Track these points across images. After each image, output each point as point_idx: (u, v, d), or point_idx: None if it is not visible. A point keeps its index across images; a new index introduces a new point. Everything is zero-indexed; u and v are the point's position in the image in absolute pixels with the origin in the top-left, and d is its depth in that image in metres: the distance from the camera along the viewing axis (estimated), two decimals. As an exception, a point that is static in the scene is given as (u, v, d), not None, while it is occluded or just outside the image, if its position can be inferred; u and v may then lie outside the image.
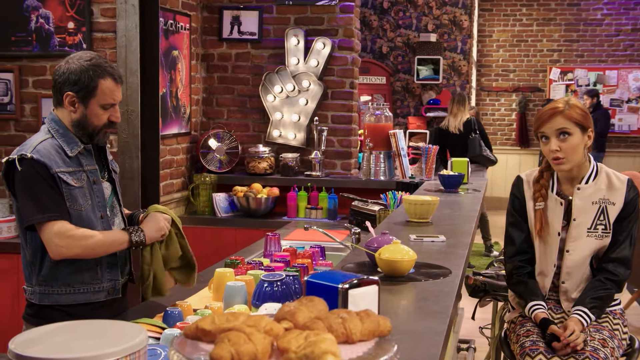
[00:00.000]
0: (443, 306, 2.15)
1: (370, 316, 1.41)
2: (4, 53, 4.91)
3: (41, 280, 2.78)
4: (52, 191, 2.69)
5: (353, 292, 1.58)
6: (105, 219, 2.85)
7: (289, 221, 5.41)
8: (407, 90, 10.64)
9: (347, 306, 1.57)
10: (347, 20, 5.76)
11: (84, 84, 2.72)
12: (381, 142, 5.62)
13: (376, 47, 10.69)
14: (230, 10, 5.93)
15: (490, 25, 12.67)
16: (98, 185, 2.84)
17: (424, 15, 10.51)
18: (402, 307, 2.17)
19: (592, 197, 3.03)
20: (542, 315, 3.00)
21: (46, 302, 2.79)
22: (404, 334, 1.81)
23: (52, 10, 4.82)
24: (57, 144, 2.75)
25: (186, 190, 5.77)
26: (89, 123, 2.77)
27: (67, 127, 2.78)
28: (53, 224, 2.66)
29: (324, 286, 1.60)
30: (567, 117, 2.94)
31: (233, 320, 1.37)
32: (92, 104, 2.74)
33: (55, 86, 2.78)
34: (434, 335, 1.86)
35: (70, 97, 2.74)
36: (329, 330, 1.36)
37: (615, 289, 3.04)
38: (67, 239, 2.67)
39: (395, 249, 2.46)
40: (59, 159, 2.72)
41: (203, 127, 6.05)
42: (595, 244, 3.04)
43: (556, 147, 2.94)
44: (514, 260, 3.16)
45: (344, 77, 5.82)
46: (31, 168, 2.67)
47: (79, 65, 2.74)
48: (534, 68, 12.56)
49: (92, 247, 2.73)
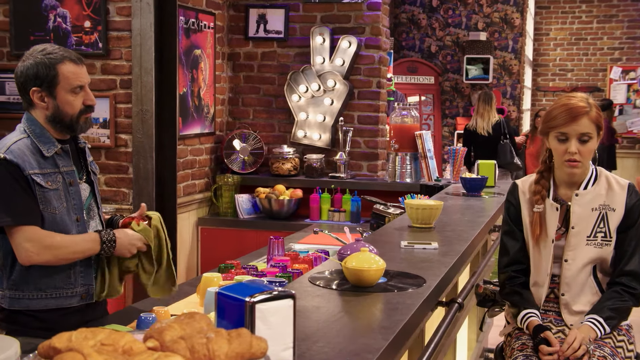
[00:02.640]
0: (394, 321, 2.00)
1: (242, 336, 1.30)
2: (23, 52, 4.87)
3: (11, 285, 2.70)
4: (25, 194, 2.61)
5: (262, 306, 1.44)
6: (81, 221, 2.77)
7: (311, 224, 5.29)
8: (456, 90, 10.40)
9: (255, 322, 1.43)
10: (374, 18, 5.61)
11: (43, 74, 2.63)
12: (407, 143, 5.45)
13: (425, 47, 10.48)
14: (256, 8, 5.84)
15: (548, 24, 12.29)
16: (75, 187, 2.75)
17: (474, 14, 10.25)
18: (345, 321, 2.01)
19: (591, 204, 2.83)
20: (535, 322, 2.81)
21: (16, 307, 2.70)
22: (325, 353, 1.68)
23: (69, 9, 4.81)
24: (32, 144, 2.66)
25: (209, 191, 5.70)
26: (64, 113, 2.67)
27: (43, 126, 2.70)
28: (23, 229, 2.59)
29: (233, 299, 1.47)
30: (592, 120, 2.74)
31: (91, 337, 1.26)
32: (59, 92, 2.65)
33: (19, 88, 2.69)
34: (365, 354, 1.71)
35: (36, 92, 2.65)
36: (190, 351, 1.25)
37: (634, 302, 2.83)
38: (37, 245, 2.59)
39: (362, 257, 2.32)
40: (33, 160, 2.64)
41: (229, 127, 5.98)
42: (595, 253, 2.83)
43: (576, 149, 2.75)
44: (507, 270, 2.98)
45: (370, 76, 5.67)
46: (3, 169, 2.58)
47: (33, 58, 2.66)
48: (594, 67, 12.14)
49: (64, 254, 2.66)
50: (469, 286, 3.44)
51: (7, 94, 5.00)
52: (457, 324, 3.77)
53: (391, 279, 2.43)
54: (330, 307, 2.11)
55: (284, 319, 1.48)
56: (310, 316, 1.99)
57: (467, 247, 3.08)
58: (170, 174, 4.93)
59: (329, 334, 1.83)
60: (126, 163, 4.81)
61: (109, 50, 4.79)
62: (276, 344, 1.45)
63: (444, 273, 2.59)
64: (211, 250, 5.54)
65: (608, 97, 11.87)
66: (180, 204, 5.22)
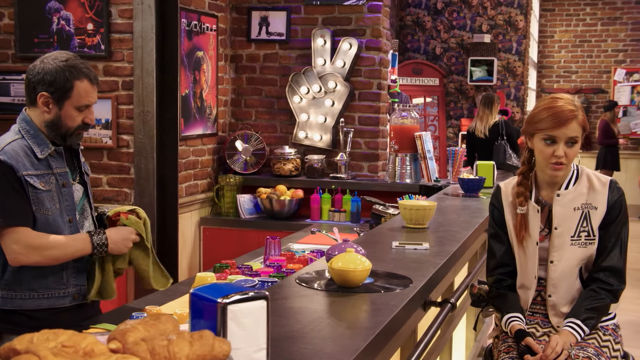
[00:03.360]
0: (376, 322, 2.00)
1: (204, 338, 1.30)
2: (28, 54, 4.99)
3: (4, 285, 2.71)
4: (17, 195, 2.62)
5: (234, 307, 1.43)
6: (73, 222, 2.79)
7: (311, 224, 5.34)
8: (460, 92, 10.43)
9: (227, 322, 1.42)
10: (374, 20, 5.66)
11: (59, 85, 2.65)
12: (407, 144, 5.49)
13: (429, 49, 10.51)
14: (258, 10, 5.90)
15: (552, 26, 12.31)
16: (68, 188, 2.78)
17: (479, 16, 10.28)
18: (327, 322, 2.01)
19: (573, 203, 2.81)
20: (517, 327, 2.79)
21: (9, 306, 2.72)
22: (302, 354, 1.70)
23: (73, 12, 4.87)
24: (26, 145, 2.68)
25: (212, 191, 5.76)
26: (63, 124, 2.70)
27: (39, 128, 2.71)
28: (13, 231, 2.61)
29: (206, 300, 1.46)
30: (579, 123, 2.72)
31: (53, 339, 1.27)
32: (66, 105, 2.68)
33: (28, 85, 2.71)
34: (342, 355, 1.72)
35: (44, 97, 2.67)
36: (151, 353, 1.25)
37: (611, 298, 2.80)
38: (26, 246, 2.61)
39: (348, 258, 2.31)
40: (27, 161, 2.65)
41: (232, 128, 6.04)
42: (580, 253, 2.82)
43: (563, 152, 2.72)
44: (494, 273, 2.97)
45: (371, 77, 5.72)
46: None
47: (55, 65, 2.67)
48: (598, 69, 12.15)
49: (54, 256, 2.68)
50: (463, 286, 3.48)
51: (11, 95, 5.06)
52: (452, 324, 3.81)
53: (378, 279, 2.42)
54: (313, 308, 2.12)
55: (257, 320, 1.47)
56: (292, 317, 2.00)
57: (458, 247, 3.09)
58: (171, 174, 4.98)
59: (308, 335, 1.83)
60: (128, 163, 4.87)
61: (111, 52, 4.85)
62: (249, 345, 1.45)
63: (431, 273, 2.59)
64: (213, 250, 5.59)
65: (612, 99, 11.88)
66: (182, 204, 5.27)
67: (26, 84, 2.74)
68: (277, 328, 1.86)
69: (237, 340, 1.42)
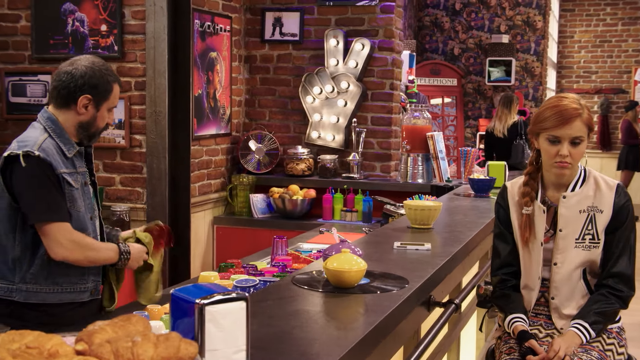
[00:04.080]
0: (366, 323, 1.99)
1: (169, 340, 1.29)
2: (43, 56, 5.06)
3: (30, 278, 2.76)
4: (57, 192, 2.69)
5: (212, 308, 1.43)
6: (92, 220, 2.88)
7: (323, 223, 5.36)
8: (478, 92, 10.41)
9: (204, 324, 1.42)
10: (387, 20, 5.67)
11: (102, 88, 2.77)
12: (419, 144, 5.50)
13: (447, 49, 10.50)
14: (272, 11, 5.93)
15: (572, 26, 12.25)
16: (87, 187, 2.87)
17: (497, 16, 10.25)
18: (316, 323, 2.01)
19: (579, 205, 2.78)
20: (520, 328, 2.77)
21: (33, 300, 2.77)
22: (283, 356, 1.69)
23: (87, 14, 4.94)
24: (55, 144, 2.74)
25: (225, 190, 5.80)
26: (95, 125, 2.80)
27: (64, 128, 2.77)
28: (58, 226, 2.67)
29: (185, 300, 1.45)
30: (584, 122, 2.70)
31: (18, 340, 1.29)
32: (103, 107, 2.79)
33: (67, 88, 2.75)
34: (325, 356, 1.71)
35: (86, 99, 2.75)
36: (115, 355, 1.25)
37: (620, 304, 2.77)
38: (72, 242, 2.69)
39: (343, 258, 2.31)
40: (59, 159, 2.73)
41: (245, 128, 6.08)
42: (584, 256, 2.79)
43: (567, 152, 2.69)
44: (498, 273, 2.94)
45: (384, 78, 5.74)
46: (37, 167, 2.65)
47: (98, 69, 2.77)
48: (618, 69, 12.06)
49: (92, 257, 2.78)
50: (469, 287, 3.48)
51: (27, 96, 5.14)
52: (459, 324, 3.82)
53: (374, 280, 2.41)
54: (305, 309, 2.12)
55: (236, 322, 1.47)
56: (283, 317, 2.00)
57: (460, 248, 3.07)
58: (184, 173, 5.03)
59: (295, 336, 1.83)
60: (140, 163, 4.93)
61: (124, 53, 4.91)
62: (228, 346, 1.46)
63: (430, 274, 2.58)
64: (226, 249, 5.63)
65: (633, 99, 11.79)
66: (195, 203, 5.32)
67: (61, 87, 2.77)
68: (267, 328, 1.87)
69: (216, 342, 1.43)
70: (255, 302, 2.19)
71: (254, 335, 1.80)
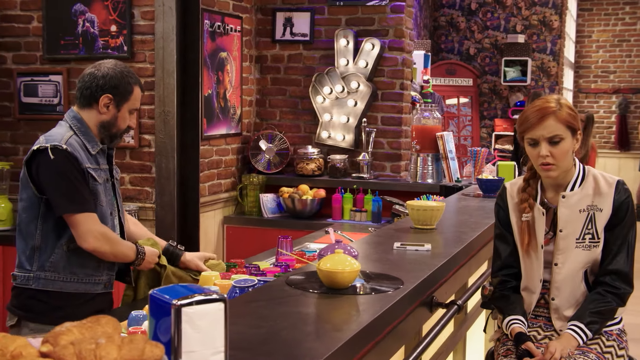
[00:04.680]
0: (354, 324, 1.97)
1: (134, 342, 1.27)
2: (54, 56, 5.10)
3: (49, 266, 2.87)
4: (84, 185, 2.83)
5: (189, 309, 1.42)
6: (113, 216, 3.01)
7: (333, 223, 5.36)
8: (494, 92, 10.36)
9: (181, 325, 1.42)
10: (397, 20, 5.67)
11: (123, 88, 2.91)
12: (429, 144, 5.49)
13: (463, 49, 10.47)
14: (283, 11, 5.94)
15: (590, 26, 12.16)
16: (109, 184, 3.00)
17: (513, 16, 10.20)
18: (304, 325, 1.99)
19: (578, 205, 2.75)
20: (517, 330, 2.75)
21: (50, 287, 2.88)
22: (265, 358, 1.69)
23: (97, 14, 4.97)
24: (80, 142, 2.88)
25: (235, 190, 5.82)
26: (116, 125, 2.94)
27: (88, 127, 2.92)
28: (89, 216, 2.80)
29: (162, 301, 1.45)
30: (560, 120, 2.64)
31: None
32: (124, 108, 2.93)
33: (89, 88, 2.90)
34: (305, 359, 1.70)
35: (107, 99, 2.89)
36: (77, 357, 1.24)
37: (618, 302, 2.74)
38: (101, 234, 2.81)
39: (337, 259, 2.30)
40: (84, 155, 2.86)
41: (256, 128, 6.09)
42: (585, 256, 2.76)
43: (546, 152, 2.65)
44: (498, 274, 2.92)
45: (394, 78, 5.73)
46: (65, 159, 2.79)
47: (119, 71, 2.92)
48: (637, 68, 11.96)
49: (116, 250, 2.89)
50: (473, 288, 3.46)
51: (39, 96, 5.18)
52: (465, 325, 3.80)
53: (369, 281, 2.40)
54: (295, 310, 2.11)
55: (213, 323, 1.46)
56: (271, 318, 2.00)
57: (461, 249, 3.05)
58: (193, 173, 5.04)
59: (282, 338, 1.82)
60: (149, 163, 4.96)
61: (133, 53, 4.94)
62: (205, 347, 1.45)
63: (426, 275, 2.55)
64: (236, 249, 5.64)
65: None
66: (205, 203, 5.34)
67: (84, 87, 2.93)
68: (254, 329, 1.87)
69: (193, 343, 1.42)
70: (245, 303, 2.20)
71: (239, 337, 1.81)
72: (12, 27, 5.24)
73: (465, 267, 3.66)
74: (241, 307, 2.12)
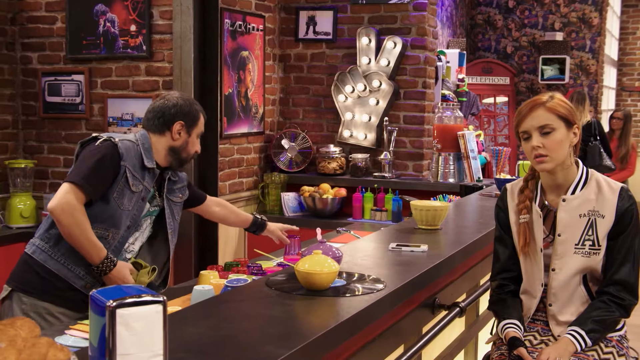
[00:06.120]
0: (315, 327, 1.94)
1: (36, 346, 1.26)
2: (76, 56, 5.18)
3: (45, 236, 2.97)
4: (105, 174, 2.91)
5: (123, 311, 1.40)
6: (129, 230, 3.05)
7: (353, 222, 5.34)
8: (531, 91, 10.20)
9: (116, 327, 1.39)
10: (419, 18, 5.61)
11: (192, 115, 3.12)
12: (450, 143, 5.43)
13: (500, 47, 10.33)
14: (306, 10, 5.94)
15: (635, 22, 11.89)
16: (143, 202, 3.07)
17: (551, 14, 10.03)
18: (272, 326, 1.95)
19: (579, 209, 2.66)
20: (512, 334, 2.67)
21: (36, 256, 2.96)
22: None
23: (117, 14, 5.03)
24: (138, 152, 3.02)
25: (257, 189, 5.83)
26: (186, 149, 3.12)
27: (153, 149, 3.07)
28: (76, 190, 2.84)
29: (99, 302, 1.43)
30: (549, 110, 2.60)
31: None
32: (193, 133, 3.13)
33: (162, 117, 3.08)
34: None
35: (180, 125, 3.08)
36: None
37: (622, 313, 2.66)
38: (70, 207, 2.83)
39: (315, 260, 2.27)
40: (133, 160, 3.00)
41: (280, 126, 6.10)
42: (582, 262, 2.67)
43: (538, 143, 2.59)
44: (497, 278, 2.85)
45: (416, 76, 5.68)
46: (107, 149, 2.93)
47: (187, 100, 3.16)
48: (682, 66, 11.68)
49: (75, 234, 2.86)
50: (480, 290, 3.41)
51: (62, 95, 5.26)
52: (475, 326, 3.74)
53: (351, 282, 2.36)
54: (264, 312, 2.09)
55: (150, 325, 1.43)
56: (236, 320, 1.98)
57: (458, 251, 2.99)
58: (212, 172, 5.08)
59: (240, 341, 1.79)
60: (167, 161, 4.99)
61: (152, 53, 4.98)
62: (141, 350, 1.43)
63: (413, 277, 2.51)
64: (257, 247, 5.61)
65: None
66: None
67: (157, 116, 3.09)
68: (215, 331, 1.85)
69: (127, 346, 1.41)
70: (217, 304, 2.19)
71: (196, 339, 1.80)
72: (38, 28, 5.34)
73: (477, 268, 3.61)
74: (212, 307, 2.11)
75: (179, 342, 1.74)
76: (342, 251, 2.69)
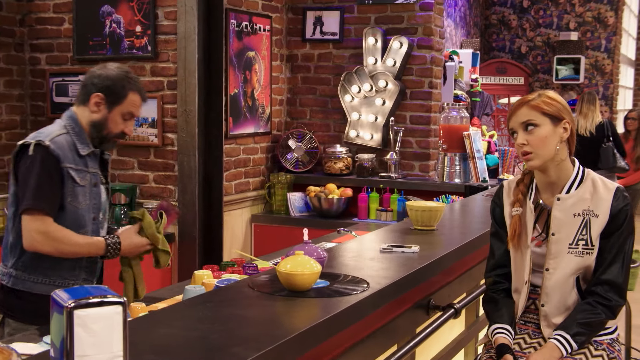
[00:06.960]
0: (289, 329, 1.92)
1: None
2: (83, 57, 5.22)
3: (20, 265, 2.87)
4: (53, 185, 2.79)
5: (81, 312, 1.38)
6: (96, 220, 2.97)
7: (358, 222, 5.34)
8: (546, 91, 10.14)
9: (73, 328, 1.38)
10: (426, 18, 5.60)
11: (115, 91, 2.89)
12: (456, 143, 5.41)
13: (515, 47, 10.29)
14: (313, 10, 5.94)
15: (652, 21, 11.79)
16: (97, 188, 2.96)
17: (566, 13, 9.97)
18: (238, 330, 1.89)
19: (573, 209, 2.64)
20: (501, 341, 2.65)
21: (19, 287, 2.87)
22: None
23: (123, 15, 5.06)
24: (71, 141, 2.86)
25: (264, 189, 5.85)
26: (105, 126, 2.90)
27: (82, 127, 2.90)
28: (37, 217, 2.76)
29: (58, 302, 1.42)
30: (533, 107, 2.59)
31: None
32: (114, 110, 2.89)
33: (86, 86, 2.92)
34: None
35: (96, 98, 2.88)
36: None
37: (608, 314, 2.62)
38: (44, 235, 2.77)
39: (297, 261, 2.24)
40: (70, 155, 2.84)
41: (287, 127, 6.11)
42: (576, 263, 2.64)
43: (523, 140, 2.59)
44: (491, 274, 2.83)
45: (422, 76, 5.67)
46: (44, 157, 2.77)
47: (117, 73, 2.92)
48: (701, 66, 11.55)
49: (66, 250, 2.83)
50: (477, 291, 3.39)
51: (70, 96, 5.31)
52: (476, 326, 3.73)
53: (334, 283, 2.34)
54: (241, 313, 2.06)
55: (109, 327, 1.42)
56: (210, 321, 1.96)
57: (451, 252, 2.96)
58: (217, 172, 5.09)
59: (211, 342, 1.77)
60: (172, 161, 5.02)
61: (157, 53, 5.01)
62: (100, 352, 1.41)
63: (399, 277, 2.49)
64: (264, 247, 5.67)
65: None
66: (232, 201, 5.39)
67: (83, 84, 2.94)
68: (186, 332, 1.83)
69: (86, 347, 1.40)
70: (196, 304, 2.16)
71: (165, 340, 1.78)
72: (46, 29, 5.39)
73: (476, 269, 3.59)
74: (189, 308, 2.10)
75: (149, 343, 1.73)
76: (332, 251, 2.68)
